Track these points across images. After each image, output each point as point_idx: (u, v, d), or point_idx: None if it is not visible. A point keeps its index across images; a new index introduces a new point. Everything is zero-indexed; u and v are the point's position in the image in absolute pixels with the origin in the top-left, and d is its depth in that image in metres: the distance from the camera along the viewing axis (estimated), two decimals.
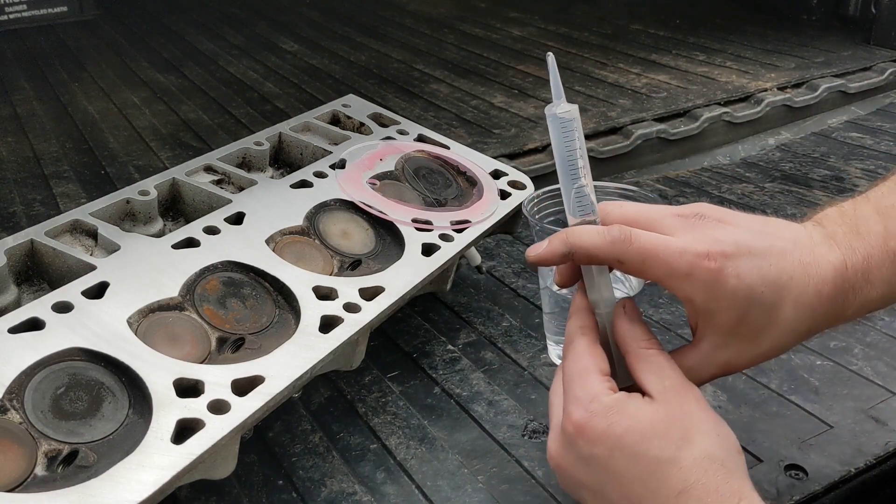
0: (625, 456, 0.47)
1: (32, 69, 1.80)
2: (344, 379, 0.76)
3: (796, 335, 0.53)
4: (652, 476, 0.46)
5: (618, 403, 0.48)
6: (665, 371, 0.50)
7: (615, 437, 0.47)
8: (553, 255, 0.53)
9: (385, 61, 1.77)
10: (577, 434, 0.49)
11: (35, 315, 0.58)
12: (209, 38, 2.03)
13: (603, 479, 0.48)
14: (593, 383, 0.50)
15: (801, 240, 0.53)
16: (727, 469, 0.46)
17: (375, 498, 0.63)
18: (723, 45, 1.72)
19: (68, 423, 0.53)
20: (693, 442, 0.47)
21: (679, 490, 0.45)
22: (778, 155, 1.30)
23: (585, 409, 0.48)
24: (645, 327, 0.53)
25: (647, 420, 0.47)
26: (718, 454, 0.47)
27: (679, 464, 0.46)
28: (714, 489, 0.45)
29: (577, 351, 0.53)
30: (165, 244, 0.68)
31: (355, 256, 0.73)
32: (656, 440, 0.47)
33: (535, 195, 0.74)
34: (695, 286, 0.50)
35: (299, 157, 0.87)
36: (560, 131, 0.54)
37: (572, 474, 0.50)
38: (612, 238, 0.51)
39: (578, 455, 0.49)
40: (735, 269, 0.50)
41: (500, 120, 1.36)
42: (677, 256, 0.50)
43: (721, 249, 0.50)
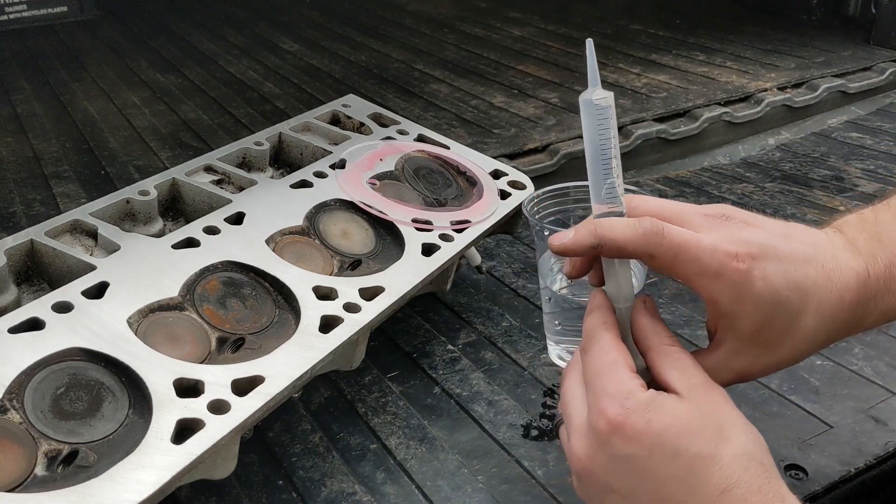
0: (665, 454, 0.44)
1: (32, 69, 1.80)
2: (344, 379, 0.76)
3: (815, 344, 0.52)
4: (692, 475, 0.44)
5: (654, 400, 0.46)
6: (690, 369, 0.48)
7: (654, 434, 0.45)
8: (580, 245, 0.50)
9: (385, 61, 1.77)
10: (613, 432, 0.46)
11: (35, 315, 0.58)
12: (209, 38, 2.03)
13: (638, 480, 0.45)
14: (625, 379, 0.47)
15: (822, 245, 0.52)
16: (766, 468, 0.45)
17: (375, 498, 0.63)
18: (723, 45, 1.72)
19: (68, 423, 0.53)
20: (730, 439, 0.45)
21: (722, 489, 0.43)
22: (778, 155, 1.30)
23: (621, 405, 0.46)
24: (665, 325, 0.52)
25: (683, 416, 0.45)
26: (756, 452, 0.45)
27: (720, 461, 0.44)
28: (757, 489, 0.43)
29: (604, 345, 0.50)
30: (165, 244, 0.68)
31: (355, 256, 0.73)
32: (695, 437, 0.44)
33: (535, 195, 0.74)
34: (723, 287, 0.49)
35: (299, 157, 0.87)
36: (594, 119, 0.52)
37: (602, 477, 0.47)
38: (645, 231, 0.49)
39: (612, 455, 0.46)
40: (762, 272, 0.48)
41: (500, 120, 1.36)
42: (709, 254, 0.48)
43: (749, 251, 0.49)
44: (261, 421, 0.58)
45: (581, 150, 1.21)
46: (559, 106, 1.41)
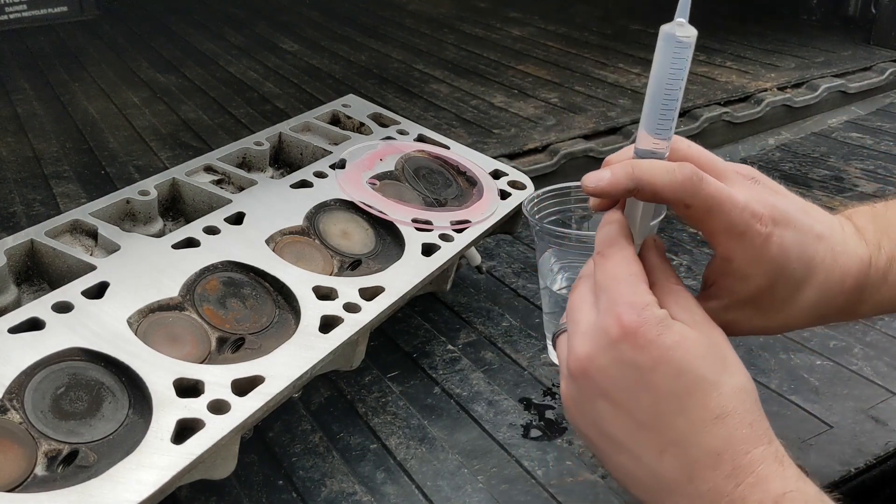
0: (669, 370, 0.44)
1: (32, 69, 1.80)
2: (344, 379, 0.76)
3: (807, 318, 0.53)
4: (691, 395, 0.44)
5: (667, 318, 0.46)
6: (694, 307, 0.48)
7: (664, 348, 0.44)
8: (615, 187, 0.49)
9: (385, 61, 1.77)
10: (624, 337, 0.45)
11: (35, 315, 0.58)
12: (209, 38, 2.03)
13: (637, 388, 0.45)
14: (644, 292, 0.47)
15: (834, 227, 0.53)
16: (759, 408, 0.45)
17: (375, 498, 0.63)
18: (723, 45, 1.72)
19: (68, 423, 0.53)
20: (731, 372, 0.45)
21: (717, 415, 0.44)
22: (778, 155, 1.30)
23: (638, 314, 0.45)
24: (672, 267, 0.51)
25: (693, 338, 0.45)
26: (752, 391, 0.46)
27: (720, 388, 0.44)
28: (749, 423, 0.44)
29: (627, 255, 0.49)
30: (165, 244, 0.68)
31: (355, 256, 0.73)
32: (701, 360, 0.45)
33: (535, 195, 0.74)
34: (743, 247, 0.49)
35: (299, 157, 0.87)
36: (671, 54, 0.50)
37: (598, 381, 0.46)
38: (685, 178, 0.48)
39: (618, 359, 0.45)
40: (780, 238, 0.49)
41: (500, 120, 1.36)
42: (738, 212, 0.48)
43: (773, 215, 0.49)
44: (261, 421, 0.58)
45: (581, 149, 1.22)
46: (559, 106, 1.41)
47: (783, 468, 0.43)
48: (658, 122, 0.50)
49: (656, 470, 0.45)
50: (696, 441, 0.44)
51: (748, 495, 0.42)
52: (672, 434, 0.44)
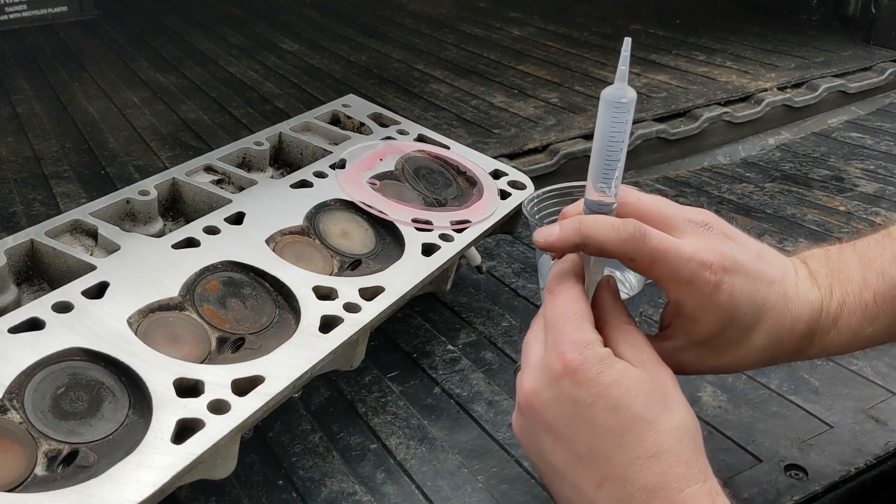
0: (607, 406, 0.46)
1: (32, 69, 1.80)
2: (344, 379, 0.76)
3: (757, 360, 0.55)
4: (629, 432, 0.46)
5: (610, 356, 0.48)
6: (643, 346, 0.50)
7: (603, 385, 0.47)
8: (564, 243, 0.52)
9: (385, 61, 1.77)
10: (565, 374, 0.48)
11: (35, 315, 0.58)
12: (209, 38, 2.02)
13: (576, 424, 0.47)
14: (588, 330, 0.49)
15: (788, 272, 0.54)
16: (697, 446, 0.47)
17: (375, 498, 0.63)
18: (723, 45, 1.72)
19: (68, 423, 0.53)
20: (672, 411, 0.47)
21: (652, 453, 0.45)
22: (778, 155, 1.30)
23: (580, 352, 0.48)
24: (624, 306, 0.53)
25: (632, 377, 0.47)
26: (692, 429, 0.47)
27: (657, 427, 0.46)
28: (685, 461, 0.45)
29: (574, 294, 0.52)
30: (165, 244, 0.68)
31: (355, 256, 0.73)
32: (640, 399, 0.47)
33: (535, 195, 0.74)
34: (691, 294, 0.51)
35: (299, 157, 0.87)
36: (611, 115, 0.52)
37: (542, 415, 0.49)
38: (628, 235, 0.51)
39: (558, 394, 0.48)
40: (730, 286, 0.51)
41: (500, 120, 1.36)
42: (684, 262, 0.51)
43: (722, 263, 0.51)
44: (261, 421, 0.58)
45: (581, 149, 1.22)
46: (559, 106, 1.41)
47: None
48: (602, 176, 0.53)
49: (594, 502, 0.47)
50: (632, 477, 0.45)
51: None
52: (609, 469, 0.46)
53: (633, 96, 0.52)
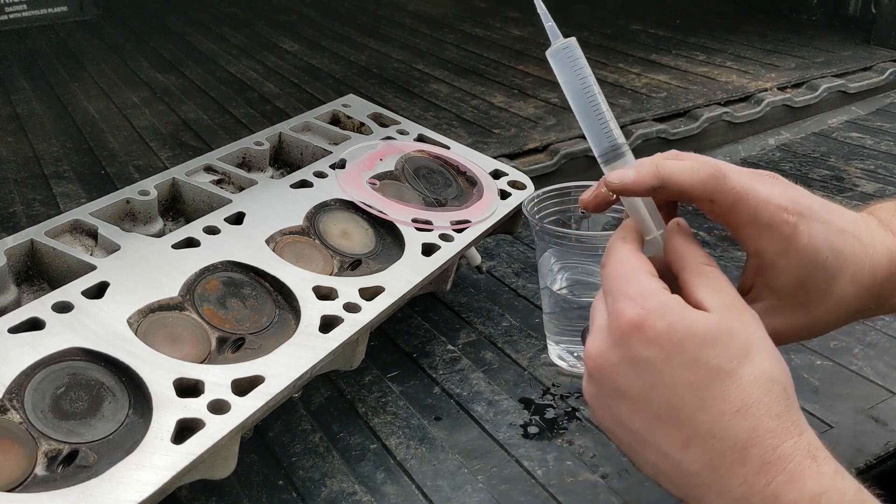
0: (683, 361, 0.42)
1: (32, 69, 1.80)
2: (344, 379, 0.76)
3: (847, 312, 0.52)
4: (708, 387, 0.42)
5: (678, 304, 0.44)
6: (724, 288, 0.46)
7: (675, 339, 0.43)
8: (640, 185, 0.49)
9: (385, 61, 1.77)
10: (631, 333, 0.44)
11: (35, 315, 0.58)
12: (209, 38, 2.03)
13: (652, 385, 0.43)
14: (645, 281, 0.45)
15: (858, 222, 0.53)
16: (787, 395, 0.43)
17: (375, 498, 0.63)
18: (723, 45, 1.72)
19: (68, 423, 0.53)
20: (755, 359, 0.43)
21: (738, 407, 0.41)
22: (778, 155, 1.30)
23: (641, 306, 0.44)
24: (701, 246, 0.50)
25: (709, 326, 0.43)
26: (781, 377, 0.43)
27: (740, 379, 0.42)
28: (775, 414, 0.42)
29: (622, 255, 0.48)
30: (165, 244, 0.68)
31: (355, 256, 0.73)
32: (718, 349, 0.42)
33: (535, 195, 0.74)
34: (771, 238, 0.49)
35: (299, 157, 0.87)
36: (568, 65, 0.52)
37: (614, 380, 0.45)
38: (708, 175, 0.48)
39: (628, 356, 0.44)
40: (808, 229, 0.49)
41: (500, 120, 1.36)
42: (763, 204, 0.49)
43: (798, 208, 0.49)
44: (261, 421, 0.58)
45: (581, 149, 1.22)
46: (559, 106, 1.41)
47: (818, 464, 0.41)
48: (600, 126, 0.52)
49: (682, 464, 0.43)
50: (720, 434, 0.42)
51: (782, 494, 0.40)
52: (693, 428, 0.42)
53: (571, 41, 0.52)
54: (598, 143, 0.52)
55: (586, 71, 0.52)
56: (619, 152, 0.52)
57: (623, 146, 0.52)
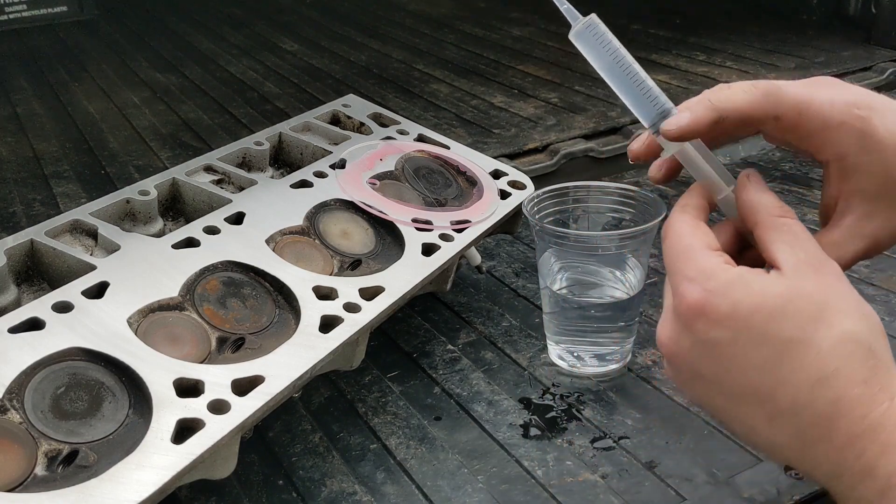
0: (751, 339, 0.41)
1: (32, 69, 1.80)
2: (344, 379, 0.76)
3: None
4: (782, 363, 0.40)
5: (741, 278, 0.42)
6: (801, 241, 0.43)
7: (740, 317, 0.41)
8: (700, 124, 0.47)
9: (385, 61, 1.77)
10: (695, 316, 0.42)
11: (35, 315, 0.58)
12: (209, 38, 2.03)
13: (725, 367, 0.42)
14: (703, 259, 0.43)
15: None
16: (874, 355, 0.39)
17: (375, 498, 0.63)
18: (723, 45, 1.72)
19: (68, 423, 0.53)
20: (831, 322, 0.40)
21: (816, 378, 0.39)
22: (778, 155, 1.29)
23: (702, 287, 0.42)
24: (775, 196, 0.46)
25: (776, 296, 0.41)
26: (864, 336, 0.40)
27: (816, 346, 0.39)
28: (861, 380, 0.38)
29: (677, 229, 0.46)
30: (165, 244, 0.68)
31: (355, 256, 0.73)
32: (788, 319, 0.40)
33: (536, 195, 0.74)
34: (849, 137, 0.47)
35: (299, 157, 0.87)
36: (595, 43, 0.50)
37: (689, 362, 0.44)
38: (765, 91, 0.47)
39: (696, 340, 0.42)
40: (882, 120, 0.47)
41: (500, 120, 1.36)
42: (829, 106, 0.47)
43: (866, 101, 0.48)
44: (261, 421, 0.58)
45: (581, 149, 1.22)
46: (559, 106, 1.41)
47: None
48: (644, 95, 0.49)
49: (771, 438, 0.42)
50: (803, 409, 0.40)
51: (876, 466, 0.38)
52: (774, 405, 0.41)
53: (591, 17, 0.50)
54: (646, 113, 0.50)
55: (615, 43, 0.50)
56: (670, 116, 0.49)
57: (672, 109, 0.49)
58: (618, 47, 0.50)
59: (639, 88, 0.50)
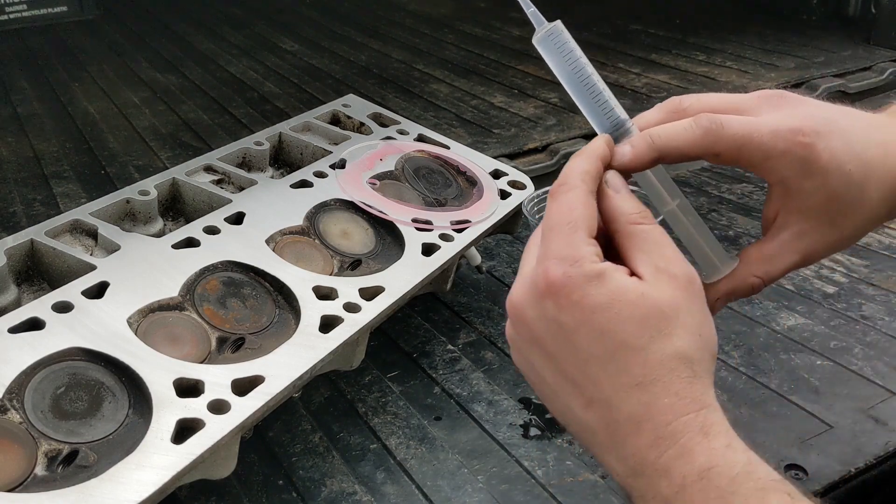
0: (591, 332, 0.43)
1: (32, 69, 1.80)
2: (344, 379, 0.76)
3: (877, 217, 0.51)
4: (613, 360, 0.43)
5: (600, 275, 0.43)
6: (659, 249, 0.45)
7: (588, 310, 0.43)
8: (640, 161, 0.48)
9: (385, 61, 1.77)
10: (549, 294, 0.44)
11: (35, 315, 0.58)
12: (209, 38, 2.03)
13: (561, 346, 0.44)
14: (580, 243, 0.44)
15: (878, 124, 0.51)
16: (694, 373, 0.42)
17: (375, 498, 0.63)
18: (723, 45, 1.72)
19: (68, 423, 0.53)
20: (669, 336, 0.42)
21: (638, 382, 0.42)
22: None
23: (565, 271, 0.43)
24: (634, 199, 0.48)
25: (626, 301, 0.43)
26: (692, 355, 0.43)
27: (646, 356, 0.42)
28: (674, 392, 0.42)
29: (570, 200, 0.46)
30: (165, 244, 0.68)
31: (355, 256, 0.73)
32: (630, 325, 0.42)
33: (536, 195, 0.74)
34: (791, 164, 0.48)
35: (299, 157, 0.87)
36: (556, 50, 0.51)
37: (530, 332, 0.46)
38: (704, 129, 0.47)
39: (543, 315, 0.44)
40: (827, 145, 0.47)
41: (500, 120, 1.36)
42: (771, 137, 0.47)
43: (812, 126, 0.48)
44: (261, 421, 0.58)
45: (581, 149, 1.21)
46: (559, 106, 1.41)
47: (708, 440, 0.41)
48: (599, 105, 0.50)
49: (585, 422, 0.44)
50: (617, 404, 0.43)
51: (672, 467, 0.41)
52: (595, 393, 0.43)
53: (555, 24, 0.51)
54: (600, 124, 0.51)
55: (577, 53, 0.51)
56: (624, 129, 0.50)
57: (626, 122, 0.50)
58: (579, 57, 0.51)
59: (594, 100, 0.51)
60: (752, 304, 0.85)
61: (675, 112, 0.50)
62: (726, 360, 0.77)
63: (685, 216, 0.50)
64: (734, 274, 0.50)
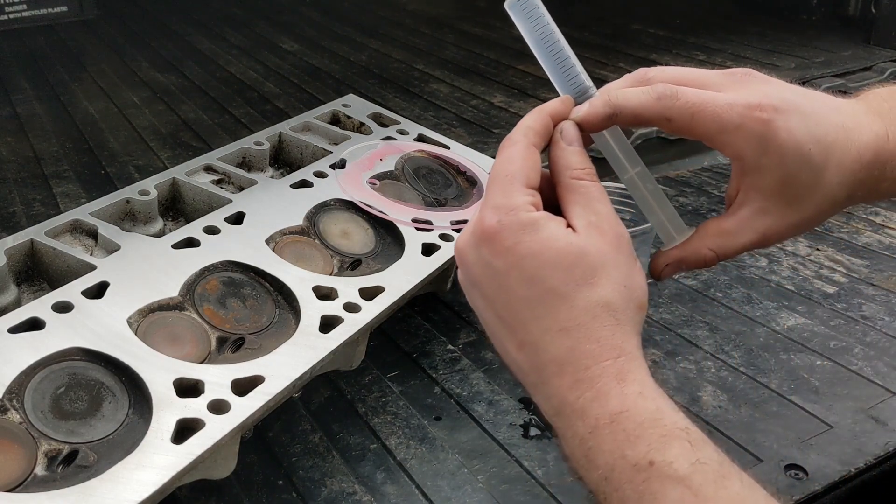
0: (522, 277, 0.46)
1: (32, 69, 1.80)
2: (344, 379, 0.76)
3: (836, 202, 0.51)
4: (541, 305, 0.45)
5: (533, 224, 0.46)
6: (593, 204, 0.48)
7: (518, 256, 0.45)
8: (595, 117, 0.50)
9: (385, 61, 1.77)
10: (484, 241, 0.47)
11: (35, 315, 0.58)
12: (209, 38, 2.02)
13: (496, 290, 0.47)
14: (515, 194, 0.47)
15: (843, 108, 0.51)
16: (618, 321, 0.45)
17: (375, 498, 0.63)
18: (723, 45, 1.72)
19: (68, 423, 0.53)
20: (594, 285, 0.45)
21: (562, 327, 0.45)
22: None
23: (499, 219, 0.46)
24: (583, 155, 0.50)
25: (555, 249, 0.45)
26: (616, 304, 0.45)
27: (571, 302, 0.45)
28: (596, 338, 0.44)
29: (511, 153, 0.49)
30: (165, 244, 0.68)
31: (355, 256, 0.73)
32: (558, 272, 0.45)
33: None
34: (747, 139, 0.48)
35: (299, 157, 0.87)
36: (526, 16, 0.53)
37: (472, 274, 0.49)
38: (659, 94, 0.49)
39: (480, 258, 0.47)
40: (785, 123, 0.48)
41: (500, 120, 1.36)
42: (727, 108, 0.48)
43: (771, 103, 0.48)
44: (261, 421, 0.58)
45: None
46: None
47: (622, 386, 0.43)
48: (564, 72, 0.53)
49: (518, 362, 0.47)
50: (544, 347, 0.45)
51: (588, 409, 0.43)
52: (525, 335, 0.46)
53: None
54: (565, 90, 0.53)
55: (545, 19, 0.53)
56: (588, 95, 0.52)
57: (591, 89, 0.52)
58: (547, 22, 0.53)
59: (560, 66, 0.53)
60: (752, 305, 0.85)
61: (640, 81, 0.52)
62: (726, 360, 0.77)
63: (643, 183, 0.52)
64: (688, 243, 0.52)
